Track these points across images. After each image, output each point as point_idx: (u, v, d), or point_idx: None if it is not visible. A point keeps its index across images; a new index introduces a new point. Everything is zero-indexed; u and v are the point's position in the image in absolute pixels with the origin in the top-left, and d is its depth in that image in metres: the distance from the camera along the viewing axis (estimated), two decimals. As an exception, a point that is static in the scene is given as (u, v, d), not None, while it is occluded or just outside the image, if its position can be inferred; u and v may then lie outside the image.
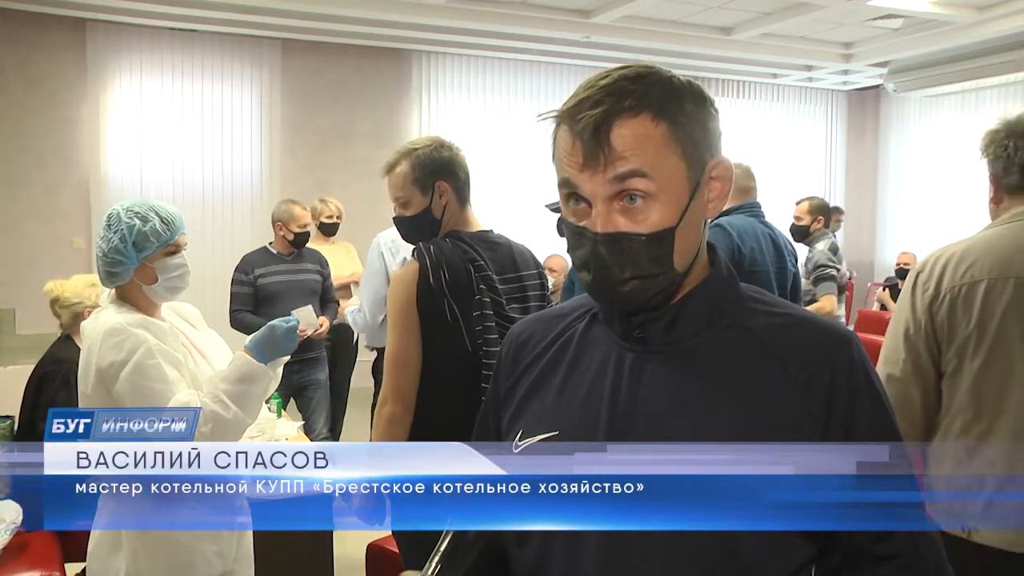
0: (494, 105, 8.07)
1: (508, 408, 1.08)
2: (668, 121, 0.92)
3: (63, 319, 3.21)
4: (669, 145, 0.92)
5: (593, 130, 0.90)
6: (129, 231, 1.92)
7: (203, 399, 1.84)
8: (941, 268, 1.91)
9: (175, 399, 1.83)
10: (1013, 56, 7.24)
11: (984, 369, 1.83)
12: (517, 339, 1.12)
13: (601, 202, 0.92)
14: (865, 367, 0.97)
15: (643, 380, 0.97)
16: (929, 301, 1.90)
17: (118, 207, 1.96)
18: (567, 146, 0.93)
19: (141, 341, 1.86)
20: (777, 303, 1.03)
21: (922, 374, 1.89)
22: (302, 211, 4.34)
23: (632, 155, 0.90)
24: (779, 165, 9.25)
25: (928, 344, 1.89)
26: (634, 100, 0.91)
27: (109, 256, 1.92)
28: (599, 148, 0.90)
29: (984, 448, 1.83)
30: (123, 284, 1.96)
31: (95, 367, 1.85)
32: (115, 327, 1.86)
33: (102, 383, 1.85)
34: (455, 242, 2.15)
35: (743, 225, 3.12)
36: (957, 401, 1.87)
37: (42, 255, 6.61)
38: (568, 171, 0.93)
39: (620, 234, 0.92)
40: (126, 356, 1.83)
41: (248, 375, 1.89)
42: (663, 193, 0.92)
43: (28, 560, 2.60)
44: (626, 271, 0.93)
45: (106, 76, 6.75)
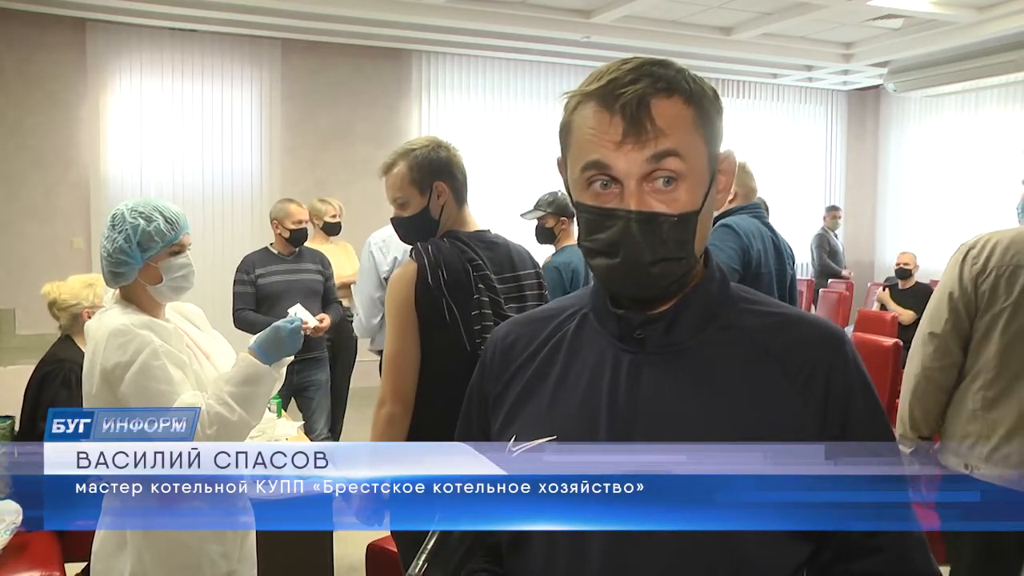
0: (494, 105, 8.07)
1: (498, 413, 1.06)
2: (695, 105, 0.93)
3: (62, 321, 3.21)
4: (697, 128, 0.93)
5: (637, 105, 0.90)
6: (134, 231, 1.91)
7: (208, 401, 1.83)
8: (991, 248, 2.24)
9: (180, 400, 1.82)
10: (1013, 56, 7.24)
11: (1014, 339, 2.17)
12: (503, 341, 1.10)
13: (635, 181, 0.91)
14: (859, 366, 0.97)
15: (642, 382, 0.96)
16: (976, 273, 2.24)
17: (122, 207, 1.95)
18: (600, 124, 0.91)
19: (146, 342, 1.85)
20: (768, 302, 1.03)
21: (958, 332, 2.25)
22: (297, 208, 4.32)
23: (672, 133, 0.90)
24: (779, 165, 9.26)
25: (968, 309, 2.24)
26: (666, 83, 0.91)
27: (114, 256, 1.91)
28: (642, 123, 0.90)
29: (1000, 404, 2.18)
30: (128, 284, 1.95)
31: (100, 368, 1.85)
32: (120, 328, 1.86)
33: (107, 384, 1.85)
34: (453, 242, 2.15)
35: (749, 227, 3.12)
36: (982, 361, 2.21)
37: (42, 255, 6.61)
38: (600, 151, 0.91)
39: (655, 214, 0.91)
40: (131, 357, 1.83)
41: (253, 377, 1.88)
42: (691, 175, 0.92)
43: (28, 560, 2.60)
44: (658, 252, 0.92)
45: (106, 76, 6.75)
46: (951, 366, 2.26)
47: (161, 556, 1.88)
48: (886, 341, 4.31)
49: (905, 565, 0.94)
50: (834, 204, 8.91)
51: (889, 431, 0.98)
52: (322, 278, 4.39)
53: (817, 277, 8.34)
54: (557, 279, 3.59)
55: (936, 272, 8.25)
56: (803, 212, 9.47)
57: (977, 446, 2.20)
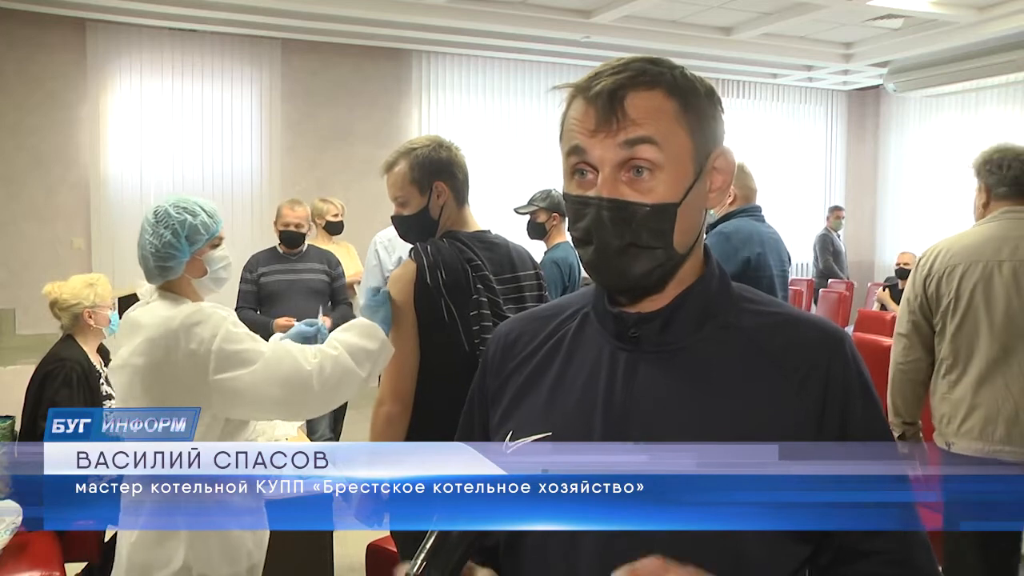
0: (494, 105, 8.08)
1: (497, 409, 1.07)
2: (680, 99, 0.94)
3: (63, 320, 3.21)
4: (679, 120, 0.93)
5: (609, 95, 0.92)
6: (181, 225, 1.97)
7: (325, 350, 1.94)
8: (936, 254, 2.62)
9: (300, 353, 1.91)
10: (1013, 56, 7.24)
11: (959, 329, 2.53)
12: (505, 338, 1.11)
13: (609, 168, 0.93)
14: (858, 366, 0.97)
15: (637, 380, 0.96)
16: (924, 277, 2.62)
17: (163, 204, 2.00)
18: (579, 114, 0.94)
19: (221, 315, 1.92)
20: (769, 302, 1.03)
21: (919, 332, 2.63)
22: (288, 210, 4.29)
23: (644, 122, 0.92)
24: (779, 165, 9.26)
25: (923, 310, 2.62)
26: (649, 77, 0.93)
27: (162, 251, 1.96)
28: (613, 112, 0.92)
29: (958, 386, 2.53)
30: (171, 280, 2.00)
31: (184, 352, 1.87)
32: (193, 311, 1.91)
33: (195, 365, 1.86)
34: (452, 242, 2.15)
35: (749, 229, 3.12)
36: (943, 352, 2.58)
37: (42, 255, 6.61)
38: (578, 137, 0.94)
39: (625, 202, 0.92)
40: (213, 331, 1.88)
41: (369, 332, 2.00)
42: (669, 165, 0.93)
43: (28, 560, 2.60)
44: (626, 238, 0.93)
45: (106, 76, 6.76)
46: (917, 360, 2.63)
47: (208, 546, 1.93)
48: (886, 341, 4.31)
49: (906, 567, 0.94)
50: (837, 204, 8.90)
51: (889, 432, 0.97)
52: (328, 278, 4.35)
53: (818, 278, 8.34)
54: (556, 274, 3.61)
55: (936, 272, 8.27)
56: (803, 212, 9.48)
57: (950, 424, 2.54)
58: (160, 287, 2.02)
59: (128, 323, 2.00)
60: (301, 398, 1.92)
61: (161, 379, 1.89)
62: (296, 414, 2.10)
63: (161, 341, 1.88)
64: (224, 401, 1.88)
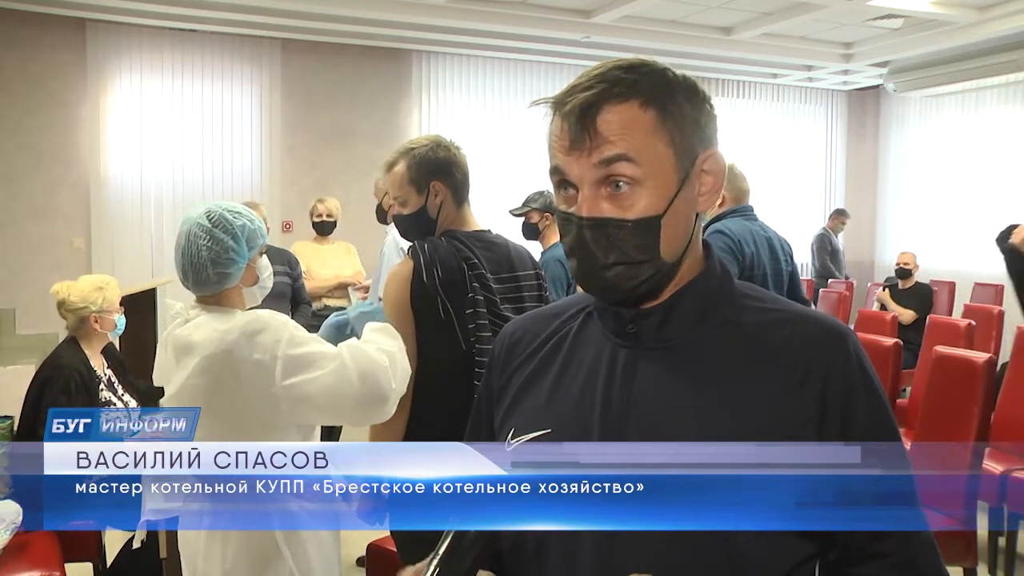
0: (494, 105, 8.07)
1: (501, 406, 1.07)
2: (657, 109, 0.92)
3: (69, 321, 3.18)
4: (656, 132, 0.92)
5: (580, 113, 0.91)
6: (241, 230, 1.87)
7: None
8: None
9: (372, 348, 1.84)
10: (1013, 56, 7.24)
11: None
12: (510, 337, 1.12)
13: (588, 186, 0.92)
14: (862, 363, 0.95)
15: (636, 377, 0.96)
16: None
17: (214, 209, 1.88)
18: (557, 131, 0.94)
19: (280, 319, 1.83)
20: (771, 299, 1.02)
21: None
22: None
23: (618, 139, 0.91)
24: (779, 165, 9.26)
25: None
26: (623, 88, 0.92)
27: (224, 257, 1.85)
28: (585, 131, 0.91)
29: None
30: (219, 291, 1.88)
31: (249, 363, 1.77)
32: (249, 320, 1.81)
33: (261, 375, 1.77)
34: (450, 241, 2.16)
35: (740, 229, 3.15)
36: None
37: (42, 255, 6.61)
38: (557, 156, 0.94)
39: (605, 219, 0.92)
40: (276, 336, 1.79)
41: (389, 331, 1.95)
42: (649, 180, 0.92)
43: (28, 560, 2.60)
44: (610, 256, 0.93)
45: (106, 76, 6.75)
46: None
47: (309, 557, 1.85)
48: (886, 341, 4.31)
49: (911, 568, 0.93)
50: (842, 208, 8.85)
51: (894, 431, 0.96)
52: (289, 279, 4.22)
53: (817, 278, 8.34)
54: (560, 272, 3.62)
55: (936, 272, 8.28)
56: (803, 212, 9.48)
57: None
58: (203, 300, 1.90)
59: (177, 345, 1.86)
60: (381, 394, 1.81)
61: (226, 394, 1.79)
62: (371, 413, 1.87)
63: (221, 356, 1.78)
64: (295, 407, 1.79)
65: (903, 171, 9.55)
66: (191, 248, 1.86)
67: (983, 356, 3.35)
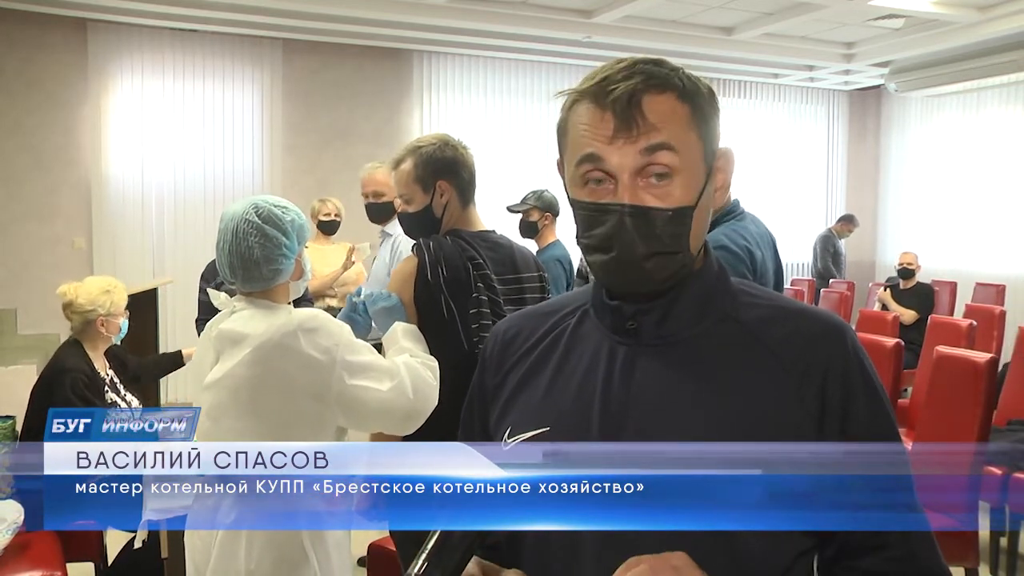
0: (495, 105, 8.07)
1: (496, 405, 1.07)
2: (690, 103, 0.94)
3: (74, 323, 3.16)
4: (691, 124, 0.94)
5: (628, 100, 0.91)
6: (292, 226, 1.86)
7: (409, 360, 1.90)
8: None
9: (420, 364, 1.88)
10: (1014, 56, 7.23)
11: None
12: (504, 335, 1.11)
13: (628, 175, 0.92)
14: (860, 359, 0.96)
15: (635, 374, 0.96)
16: None
17: (262, 204, 1.86)
18: (593, 120, 0.93)
19: (339, 324, 1.84)
20: (769, 295, 1.03)
21: None
22: None
23: (663, 127, 0.92)
24: (780, 165, 9.25)
25: None
26: (660, 80, 0.93)
27: (278, 253, 1.83)
28: (633, 118, 0.91)
29: None
30: (268, 286, 1.87)
31: (304, 358, 1.76)
32: (308, 317, 1.81)
33: (316, 374, 1.77)
34: (455, 240, 2.16)
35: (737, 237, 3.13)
36: None
37: (43, 255, 6.61)
38: (594, 145, 0.93)
39: (648, 208, 0.93)
40: (334, 339, 1.79)
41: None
42: (685, 170, 0.93)
43: (29, 560, 2.60)
44: (651, 246, 0.93)
45: (107, 76, 6.75)
46: None
47: (331, 560, 1.84)
48: (888, 341, 4.30)
49: (911, 562, 0.94)
50: (852, 215, 8.76)
51: (894, 429, 0.96)
52: None
53: (818, 278, 8.34)
54: (560, 272, 3.63)
55: (937, 272, 8.27)
56: (804, 212, 9.47)
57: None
58: (250, 294, 1.87)
59: (223, 338, 1.84)
60: (427, 409, 1.84)
61: (273, 387, 1.78)
62: (413, 425, 1.86)
63: (275, 350, 1.77)
64: (347, 410, 1.80)
65: (904, 171, 9.54)
66: (241, 244, 1.83)
67: (984, 356, 3.34)
